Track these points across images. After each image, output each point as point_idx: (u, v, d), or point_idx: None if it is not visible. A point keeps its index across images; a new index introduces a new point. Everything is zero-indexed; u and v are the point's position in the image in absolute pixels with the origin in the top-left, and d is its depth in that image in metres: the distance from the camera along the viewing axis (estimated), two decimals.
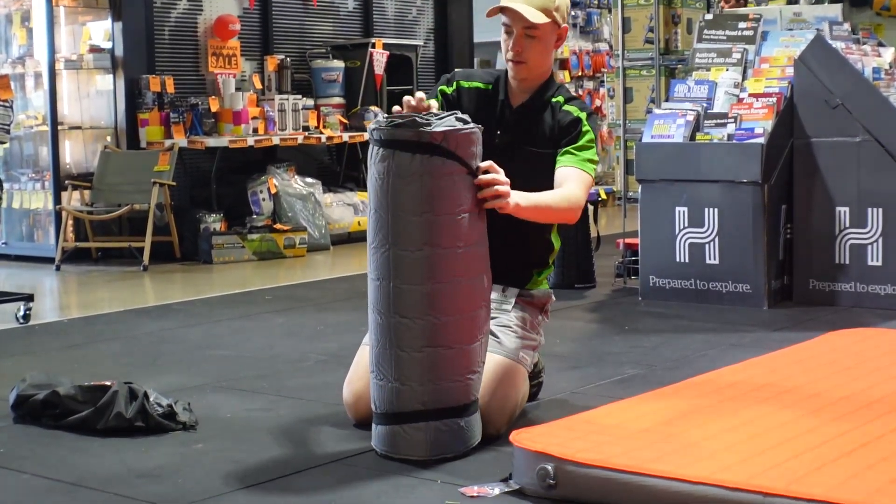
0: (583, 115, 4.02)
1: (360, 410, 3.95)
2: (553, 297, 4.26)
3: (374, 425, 3.66)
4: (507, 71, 4.13)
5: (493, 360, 3.81)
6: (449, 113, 3.60)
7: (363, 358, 3.99)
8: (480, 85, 4.15)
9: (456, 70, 4.31)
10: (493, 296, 3.94)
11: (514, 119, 4.06)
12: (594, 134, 4.01)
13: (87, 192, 9.39)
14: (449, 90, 4.16)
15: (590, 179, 3.95)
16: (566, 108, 4.05)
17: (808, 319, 6.06)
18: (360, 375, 3.96)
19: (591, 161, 3.96)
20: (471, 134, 3.56)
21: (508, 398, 3.85)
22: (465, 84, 4.15)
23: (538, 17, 3.95)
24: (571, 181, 3.89)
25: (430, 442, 3.55)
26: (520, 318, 4.07)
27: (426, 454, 3.55)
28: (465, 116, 3.61)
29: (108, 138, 9.66)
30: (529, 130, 4.03)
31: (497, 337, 3.93)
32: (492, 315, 3.87)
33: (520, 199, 3.66)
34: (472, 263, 3.57)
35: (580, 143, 3.97)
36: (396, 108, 3.62)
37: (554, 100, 4.08)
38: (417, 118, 3.53)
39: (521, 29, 3.98)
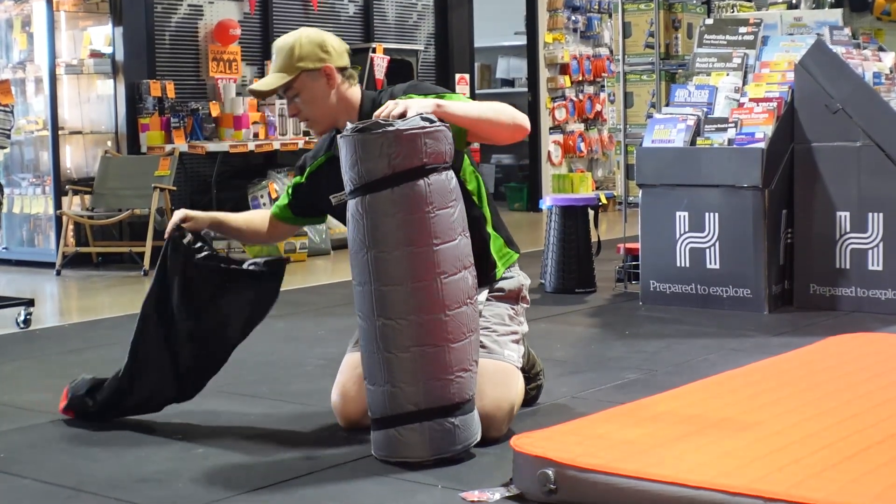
0: (413, 95, 3.90)
1: (348, 414, 3.95)
2: (526, 282, 4.20)
3: (372, 433, 3.65)
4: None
5: (481, 364, 3.80)
6: (414, 114, 3.61)
7: (350, 362, 4.00)
8: (322, 159, 4.11)
9: (305, 156, 4.26)
10: None
11: None
12: (435, 92, 3.91)
13: (87, 197, 9.40)
14: (301, 179, 4.16)
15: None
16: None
17: (809, 324, 6.06)
18: (346, 379, 3.97)
19: (461, 98, 3.91)
20: (437, 132, 3.55)
21: (504, 398, 3.84)
22: (313, 166, 4.12)
23: (279, 81, 3.94)
24: (489, 104, 3.83)
25: (425, 442, 3.55)
26: (496, 314, 4.05)
27: (423, 454, 3.55)
28: (431, 115, 3.61)
29: (109, 143, 9.66)
30: None
31: (479, 339, 3.92)
32: None
33: (439, 101, 3.66)
34: (452, 260, 3.57)
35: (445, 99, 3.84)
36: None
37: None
38: (380, 122, 3.54)
39: (284, 94, 3.98)
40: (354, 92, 4.05)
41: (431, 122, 3.56)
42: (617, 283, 7.39)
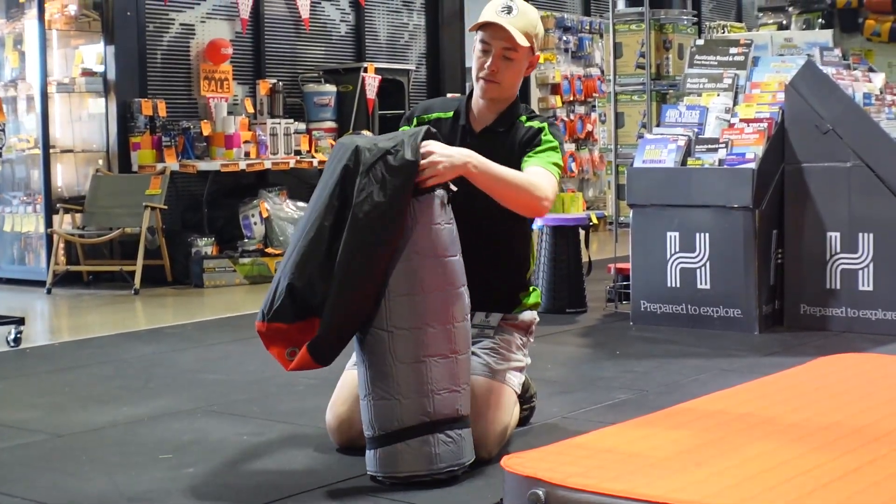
0: (544, 126, 4.04)
1: (343, 434, 3.94)
2: (537, 318, 4.26)
3: (373, 451, 3.60)
4: (469, 95, 4.14)
5: (481, 384, 3.81)
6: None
7: (346, 382, 3.99)
8: (441, 115, 4.14)
9: (416, 106, 4.31)
10: (477, 319, 3.96)
11: (476, 143, 3.96)
12: (557, 141, 4.01)
13: (78, 216, 9.39)
14: (409, 127, 4.17)
15: (555, 180, 3.90)
16: (528, 123, 4.06)
17: (799, 344, 6.06)
18: (343, 399, 3.95)
19: (555, 164, 3.94)
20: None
21: (498, 421, 3.85)
22: (425, 118, 4.14)
23: (522, 40, 3.97)
24: (538, 175, 3.87)
25: (433, 455, 3.53)
26: (504, 340, 4.06)
27: (432, 468, 3.54)
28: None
29: (100, 161, 9.66)
30: (493, 152, 3.87)
31: (483, 360, 3.93)
32: (477, 339, 3.89)
33: (474, 161, 3.65)
34: (457, 274, 3.63)
35: (542, 148, 3.97)
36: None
37: (517, 120, 4.09)
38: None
39: (501, 49, 3.98)
40: (517, 93, 4.21)
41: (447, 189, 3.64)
42: (608, 302, 7.40)
